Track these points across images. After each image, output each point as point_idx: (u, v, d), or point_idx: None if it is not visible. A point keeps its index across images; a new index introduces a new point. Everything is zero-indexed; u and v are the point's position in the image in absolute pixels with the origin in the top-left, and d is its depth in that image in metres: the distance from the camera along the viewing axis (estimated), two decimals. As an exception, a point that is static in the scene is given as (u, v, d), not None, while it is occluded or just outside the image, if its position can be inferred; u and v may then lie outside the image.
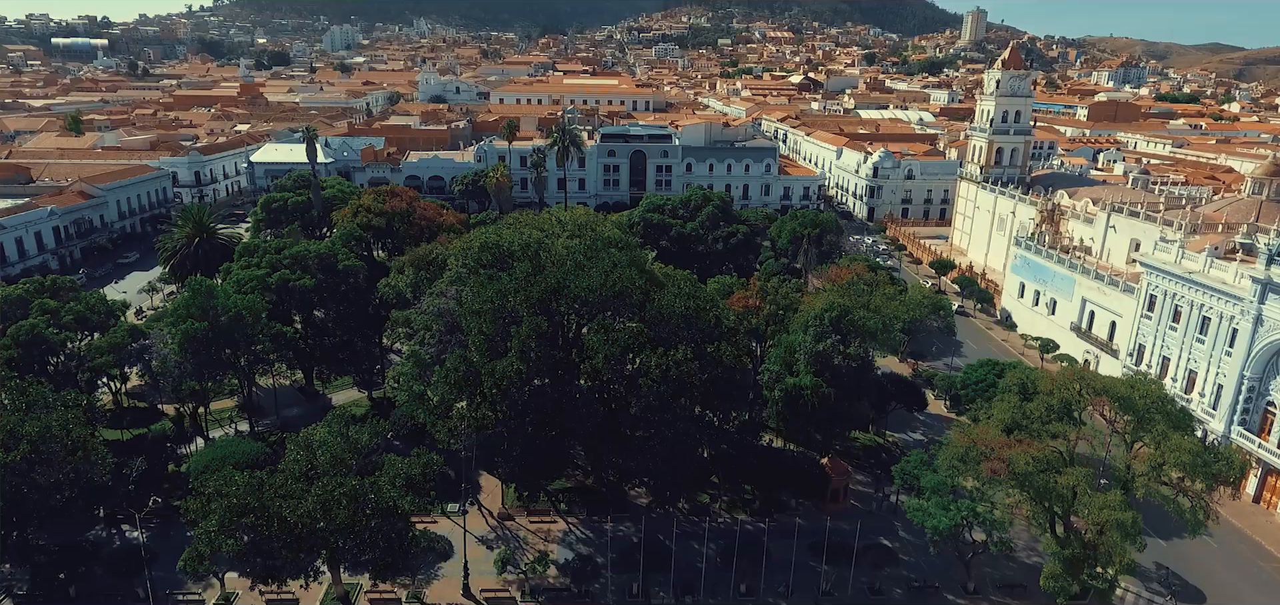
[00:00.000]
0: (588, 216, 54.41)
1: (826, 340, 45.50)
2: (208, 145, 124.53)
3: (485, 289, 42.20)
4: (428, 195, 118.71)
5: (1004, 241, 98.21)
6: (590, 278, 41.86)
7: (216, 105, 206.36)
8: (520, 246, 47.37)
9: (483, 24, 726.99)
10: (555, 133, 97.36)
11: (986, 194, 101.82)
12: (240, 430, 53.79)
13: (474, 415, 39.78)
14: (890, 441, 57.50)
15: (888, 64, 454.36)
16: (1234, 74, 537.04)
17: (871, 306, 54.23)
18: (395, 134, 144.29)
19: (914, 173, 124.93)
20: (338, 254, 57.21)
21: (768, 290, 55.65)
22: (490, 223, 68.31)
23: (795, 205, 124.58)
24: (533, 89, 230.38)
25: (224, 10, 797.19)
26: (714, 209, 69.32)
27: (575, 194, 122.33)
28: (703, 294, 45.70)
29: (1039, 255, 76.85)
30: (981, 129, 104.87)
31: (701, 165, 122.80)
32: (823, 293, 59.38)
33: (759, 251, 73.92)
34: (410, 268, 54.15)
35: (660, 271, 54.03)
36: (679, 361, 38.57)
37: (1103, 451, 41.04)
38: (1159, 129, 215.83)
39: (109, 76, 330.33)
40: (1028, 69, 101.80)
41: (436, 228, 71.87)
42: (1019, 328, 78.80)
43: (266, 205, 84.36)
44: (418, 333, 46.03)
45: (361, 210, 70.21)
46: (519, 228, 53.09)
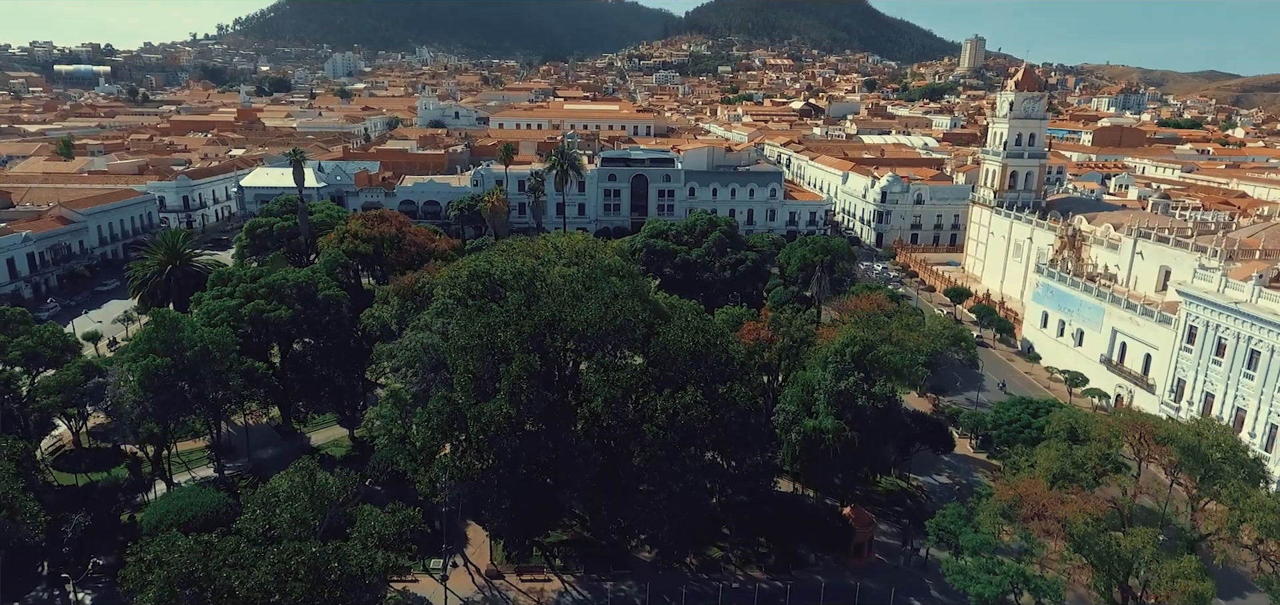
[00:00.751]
0: (586, 243, 50.62)
1: (849, 378, 41.31)
2: (197, 169, 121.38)
3: (472, 322, 38.16)
4: (422, 220, 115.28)
5: (1021, 268, 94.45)
6: (588, 310, 37.86)
7: (213, 130, 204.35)
8: (512, 275, 43.43)
9: (484, 52, 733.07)
10: (554, 156, 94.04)
11: (1001, 219, 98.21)
12: (204, 477, 49.36)
13: (458, 464, 35.51)
14: (915, 486, 53.02)
15: (888, 91, 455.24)
16: (1232, 100, 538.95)
17: (893, 338, 50.13)
18: (391, 158, 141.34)
19: (923, 197, 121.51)
20: (318, 282, 53.25)
21: (780, 322, 51.55)
22: (484, 249, 64.47)
23: (801, 231, 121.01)
24: (532, 114, 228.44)
25: (228, 38, 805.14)
26: (721, 235, 65.38)
27: (574, 219, 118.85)
28: (712, 327, 41.63)
29: (1063, 283, 72.88)
30: (994, 152, 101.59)
31: (705, 190, 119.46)
32: (839, 325, 55.30)
33: (768, 279, 69.96)
34: (395, 298, 50.14)
35: (664, 301, 50.02)
36: (688, 405, 34.38)
37: (1154, 501, 36.70)
38: (1166, 154, 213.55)
39: (108, 102, 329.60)
40: (1041, 91, 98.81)
41: (428, 254, 68.06)
42: (1043, 359, 74.56)
43: (251, 231, 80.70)
44: (399, 369, 41.88)
45: (348, 236, 66.43)
46: (512, 255, 49.23)
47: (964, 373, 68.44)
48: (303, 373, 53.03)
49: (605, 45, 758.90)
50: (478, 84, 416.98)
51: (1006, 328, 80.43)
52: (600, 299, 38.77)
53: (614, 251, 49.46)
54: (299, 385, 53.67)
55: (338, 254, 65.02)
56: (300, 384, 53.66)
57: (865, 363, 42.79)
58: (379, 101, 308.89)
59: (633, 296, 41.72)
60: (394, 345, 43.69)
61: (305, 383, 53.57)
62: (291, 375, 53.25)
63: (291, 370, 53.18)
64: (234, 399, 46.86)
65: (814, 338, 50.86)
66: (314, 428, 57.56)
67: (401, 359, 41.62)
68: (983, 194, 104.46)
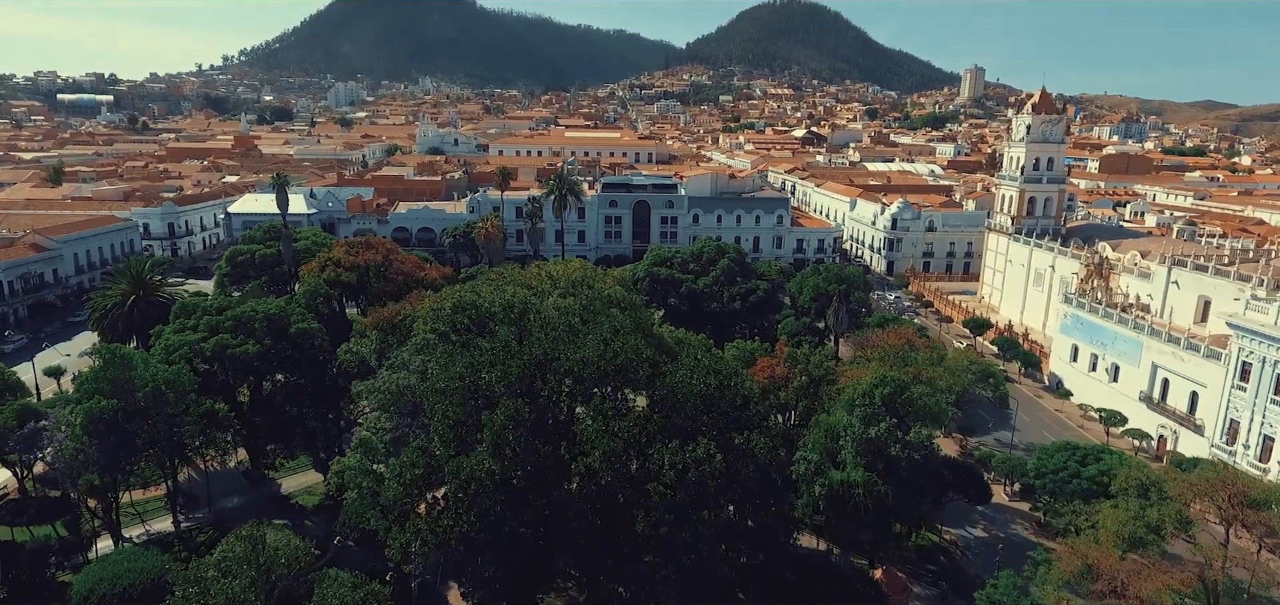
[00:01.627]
0: (584, 271, 46.18)
1: (880, 425, 36.49)
2: (183, 196, 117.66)
3: (453, 361, 33.52)
4: (416, 248, 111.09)
5: (1042, 297, 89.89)
6: (586, 347, 33.24)
7: (209, 158, 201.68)
8: (501, 307, 38.85)
9: (487, 83, 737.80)
10: (552, 181, 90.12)
11: (1020, 246, 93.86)
12: (159, 530, 44.36)
13: (432, 526, 30.63)
14: (948, 540, 47.88)
15: (890, 119, 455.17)
16: (1232, 129, 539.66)
17: (923, 377, 45.39)
18: (386, 185, 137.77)
19: (935, 224, 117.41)
20: (291, 315, 48.68)
21: (797, 358, 46.86)
22: (478, 278, 60.03)
23: (809, 259, 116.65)
24: (533, 141, 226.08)
25: (233, 69, 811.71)
26: (729, 263, 60.79)
27: (574, 247, 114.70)
28: (725, 366, 36.91)
29: (1095, 314, 68.22)
30: (1011, 178, 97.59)
31: (709, 216, 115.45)
32: (861, 361, 50.55)
33: (780, 310, 65.31)
34: (374, 332, 45.54)
35: (670, 336, 45.39)
36: (700, 460, 29.58)
37: (1248, 574, 31.63)
38: (1175, 181, 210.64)
39: (108, 130, 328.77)
40: (1060, 113, 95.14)
41: (416, 283, 63.65)
42: (1074, 396, 69.59)
43: (232, 259, 76.41)
44: (373, 413, 37.14)
45: (330, 264, 62.07)
46: (502, 285, 44.73)
47: (991, 411, 63.58)
48: (273, 413, 48.28)
49: (607, 75, 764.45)
50: (479, 112, 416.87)
51: (1032, 361, 75.58)
52: (599, 334, 34.17)
53: (614, 281, 45.14)
54: (269, 427, 48.91)
55: (318, 283, 60.64)
56: (270, 426, 48.90)
57: (897, 406, 38.01)
58: (379, 130, 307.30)
59: (635, 331, 37.16)
60: (364, 385, 38.97)
61: (276, 424, 48.81)
62: (260, 416, 48.51)
63: (261, 410, 48.44)
64: (191, 444, 42.06)
65: (834, 376, 46.15)
66: (286, 473, 52.61)
67: (374, 402, 36.88)
68: (999, 221, 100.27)
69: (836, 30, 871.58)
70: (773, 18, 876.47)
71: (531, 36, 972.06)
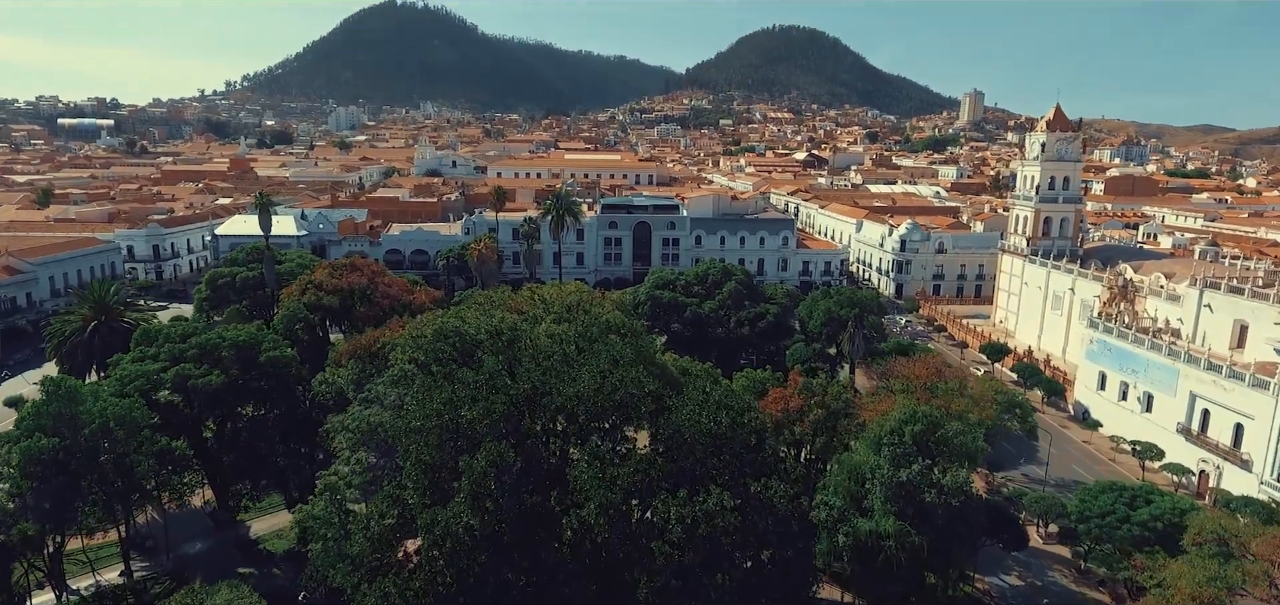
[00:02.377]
0: (580, 294, 42.30)
1: (911, 466, 32.42)
2: (170, 217, 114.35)
3: (431, 396, 29.56)
4: (409, 270, 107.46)
5: (1060, 321, 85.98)
6: (580, 380, 29.34)
7: (203, 180, 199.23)
8: (488, 335, 34.97)
9: (489, 107, 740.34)
10: (549, 202, 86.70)
11: (1036, 268, 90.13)
12: (108, 582, 40.08)
13: (403, 587, 26.51)
14: (980, 589, 43.48)
15: (890, 142, 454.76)
16: (1231, 152, 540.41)
17: (952, 410, 41.35)
18: (381, 206, 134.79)
19: (945, 246, 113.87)
20: (261, 342, 44.76)
21: (814, 389, 42.88)
22: (463, 302, 56.11)
23: (815, 281, 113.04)
24: (532, 163, 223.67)
25: (235, 94, 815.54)
26: (736, 286, 56.90)
27: (573, 269, 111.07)
28: (737, 401, 32.93)
29: (1125, 340, 64.24)
30: (1026, 197, 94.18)
31: (712, 238, 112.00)
32: (882, 394, 46.53)
33: (791, 336, 61.31)
34: (350, 360, 41.61)
35: (674, 364, 41.49)
36: (712, 513, 25.51)
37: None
38: (1183, 203, 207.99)
39: (106, 154, 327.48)
40: (1076, 130, 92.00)
41: (403, 307, 59.85)
42: (1104, 426, 65.35)
43: (212, 282, 72.69)
44: (343, 453, 33.11)
45: (310, 287, 58.29)
46: (490, 310, 40.88)
47: (1017, 443, 59.34)
48: (240, 450, 44.18)
49: (608, 100, 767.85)
50: (479, 136, 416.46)
51: (1056, 390, 71.45)
52: (596, 366, 30.27)
53: (613, 305, 41.39)
54: (236, 464, 44.78)
55: (297, 308, 56.84)
56: (238, 463, 44.78)
57: (929, 445, 33.94)
58: (378, 152, 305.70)
59: (636, 361, 33.23)
60: (336, 421, 34.96)
61: (244, 461, 44.69)
62: (227, 453, 44.40)
63: (227, 447, 44.35)
64: (145, 487, 37.94)
65: (853, 409, 42.11)
66: (256, 514, 48.37)
67: (344, 441, 32.86)
68: (1014, 242, 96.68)
69: (835, 55, 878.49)
70: (772, 43, 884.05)
71: (533, 62, 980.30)
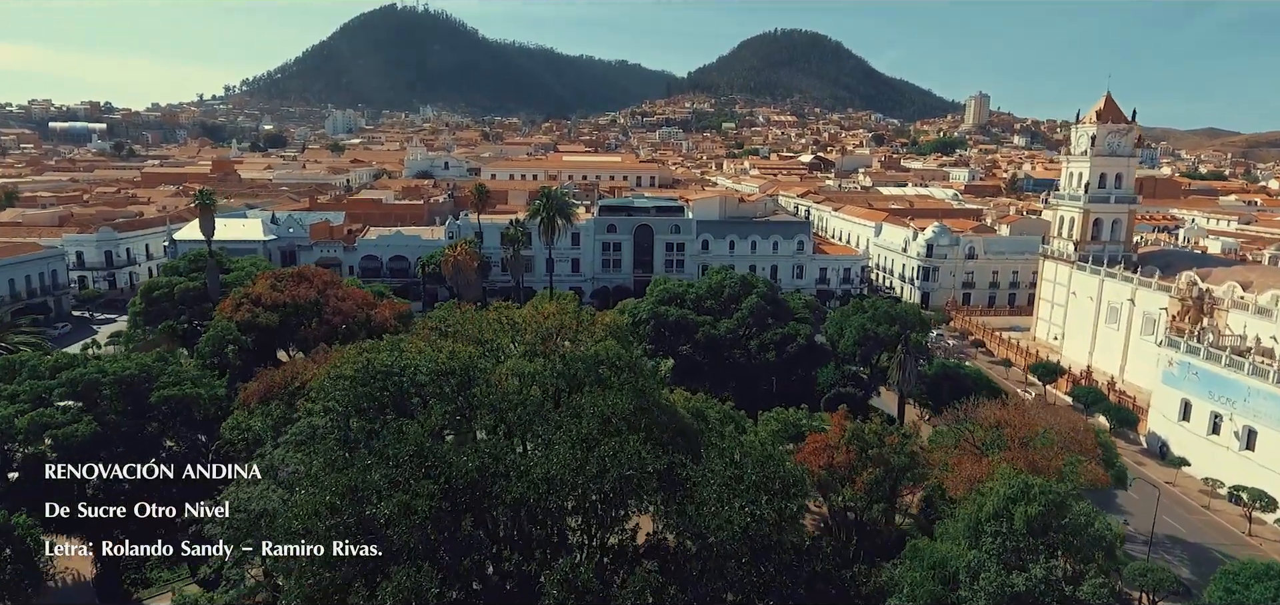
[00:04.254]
0: (563, 316, 32.24)
1: (1032, 569, 22.54)
2: (125, 221, 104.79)
3: (327, 480, 19.74)
4: (387, 278, 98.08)
5: (1117, 336, 76.04)
6: (553, 456, 19.49)
7: (183, 183, 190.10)
8: (432, 376, 25.16)
9: (489, 112, 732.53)
10: (538, 202, 77.00)
11: (1087, 276, 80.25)
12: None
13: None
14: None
15: (897, 145, 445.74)
16: (1239, 155, 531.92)
17: (1051, 467, 31.42)
18: (363, 209, 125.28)
19: (976, 251, 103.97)
20: (160, 375, 34.94)
21: (865, 438, 33.05)
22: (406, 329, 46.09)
23: (833, 290, 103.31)
24: (530, 165, 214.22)
25: (234, 99, 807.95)
26: (759, 302, 46.64)
27: (568, 277, 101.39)
28: (778, 474, 23.03)
29: (1217, 363, 54.24)
30: (1073, 197, 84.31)
31: (720, 242, 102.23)
32: (944, 440, 36.55)
33: (825, 363, 51.22)
34: (259, 404, 31.79)
35: (684, 404, 31.75)
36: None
37: None
38: (1210, 206, 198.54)
39: (93, 157, 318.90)
40: (1129, 122, 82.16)
41: (360, 325, 50.20)
42: (1191, 465, 55.30)
43: (147, 294, 63.08)
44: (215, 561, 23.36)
45: (246, 302, 48.52)
46: (441, 338, 30.92)
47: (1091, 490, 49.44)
48: (124, 514, 34.33)
49: (609, 105, 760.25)
50: (477, 139, 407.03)
51: (1126, 419, 61.39)
52: (576, 430, 20.43)
53: (605, 331, 31.56)
54: (122, 532, 34.93)
55: (227, 327, 47.09)
56: (124, 529, 34.93)
57: (1051, 534, 24.04)
58: (372, 155, 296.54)
59: (637, 414, 23.43)
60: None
61: (131, 528, 34.85)
62: (108, 519, 34.55)
63: (108, 510, 34.49)
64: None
65: (922, 468, 32.22)
66: (156, 591, 38.54)
67: (219, 534, 23.12)
68: (1058, 246, 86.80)
69: (838, 59, 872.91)
70: (773, 47, 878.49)
71: (533, 67, 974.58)
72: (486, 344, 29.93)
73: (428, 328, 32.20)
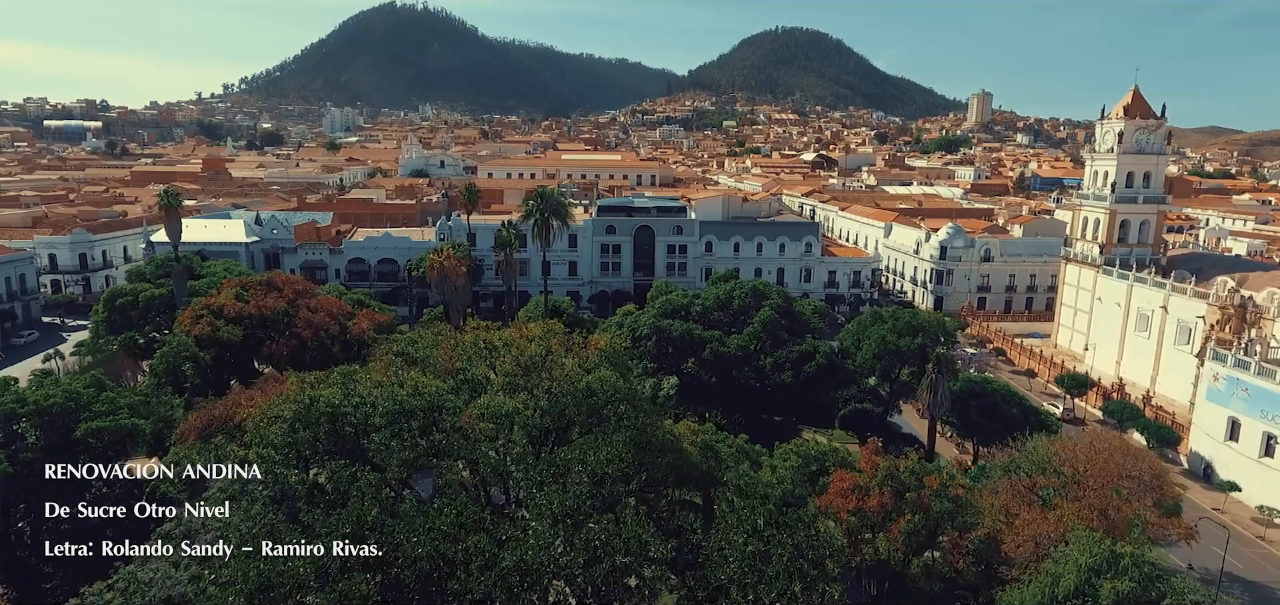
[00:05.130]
0: (550, 336, 27.14)
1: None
2: (101, 222, 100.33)
3: (236, 571, 15.26)
4: (376, 281, 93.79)
5: (1148, 346, 71.49)
6: (530, 543, 14.98)
7: (172, 182, 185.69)
8: (386, 416, 20.65)
9: (488, 110, 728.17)
10: (532, 202, 72.49)
11: (1113, 281, 75.72)
12: None
13: None
14: None
15: (900, 143, 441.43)
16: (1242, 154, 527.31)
17: (1123, 513, 26.89)
18: (353, 209, 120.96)
19: (992, 253, 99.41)
20: (88, 405, 30.48)
21: (902, 478, 28.59)
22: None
23: (843, 294, 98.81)
24: (527, 164, 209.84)
25: (233, 97, 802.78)
26: (772, 314, 41.75)
27: (564, 281, 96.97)
28: (809, 545, 18.49)
29: (1272, 380, 49.69)
30: (1098, 197, 79.74)
31: (724, 244, 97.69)
32: (989, 480, 32.00)
33: (848, 384, 46.32)
34: (197, 441, 27.29)
35: (691, 438, 27.37)
36: None
37: None
38: (1223, 205, 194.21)
39: (86, 156, 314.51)
40: (1159, 117, 77.58)
41: (332, 338, 45.82)
42: (1242, 489, 50.76)
43: (110, 303, 58.60)
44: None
45: (207, 314, 44.02)
46: (405, 367, 26.31)
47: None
48: (38, 567, 29.92)
49: (609, 103, 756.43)
50: (476, 137, 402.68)
51: (1167, 438, 56.79)
52: (558, 503, 15.91)
53: (599, 355, 26.82)
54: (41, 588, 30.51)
55: (184, 343, 42.60)
56: (46, 585, 30.51)
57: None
58: (368, 153, 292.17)
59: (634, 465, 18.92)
60: (96, 590, 20.56)
61: (54, 581, 30.42)
62: (21, 572, 30.17)
63: (22, 560, 30.12)
64: None
65: (971, 515, 27.72)
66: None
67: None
68: (1081, 249, 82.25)
69: (839, 57, 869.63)
70: (774, 45, 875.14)
71: (534, 65, 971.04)
72: (460, 375, 25.38)
73: (391, 353, 27.71)
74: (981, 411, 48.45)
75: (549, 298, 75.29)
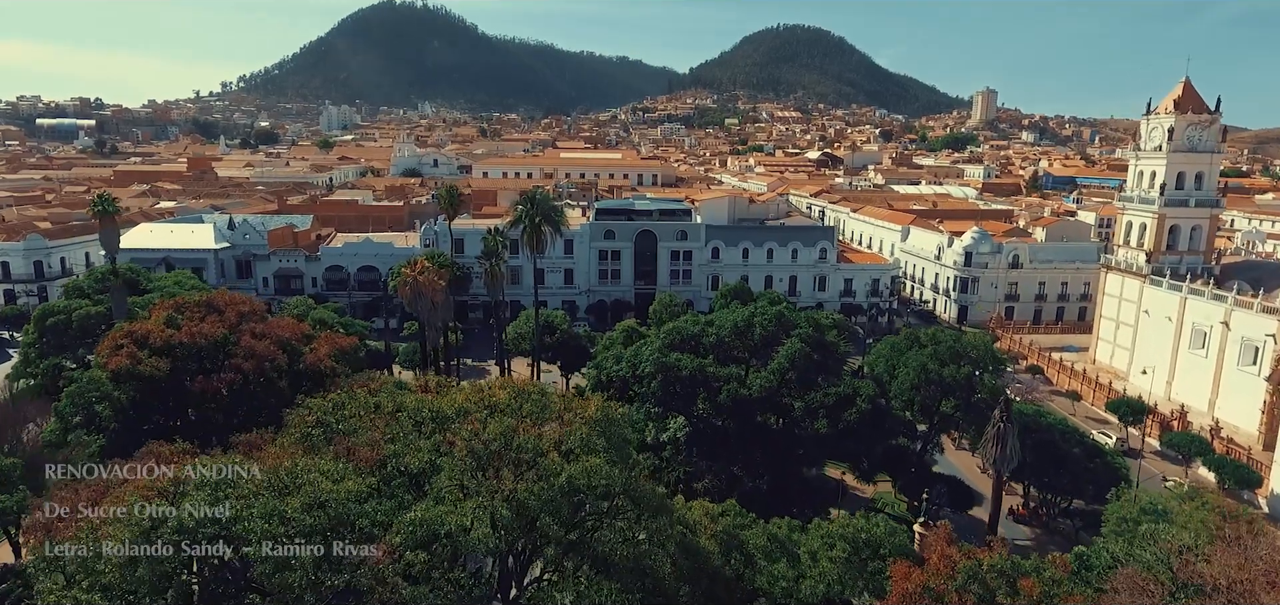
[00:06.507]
0: (510, 411, 19.40)
1: None
2: (57, 228, 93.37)
3: None
4: (357, 292, 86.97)
5: (1206, 365, 64.38)
6: None
7: (155, 181, 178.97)
8: (271, 554, 13.52)
9: (488, 108, 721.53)
10: (521, 205, 65.47)
11: (1163, 293, 68.66)
12: None
13: None
14: None
15: (906, 141, 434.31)
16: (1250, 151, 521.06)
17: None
18: (336, 211, 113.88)
19: (1021, 260, 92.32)
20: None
21: (986, 579, 21.65)
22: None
23: (862, 304, 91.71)
24: (525, 163, 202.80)
25: (231, 95, 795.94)
26: (801, 347, 34.05)
27: (560, 289, 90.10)
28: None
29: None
30: (1145, 199, 72.64)
31: (732, 249, 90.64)
32: (1085, 579, 24.95)
33: (896, 435, 39.05)
34: (48, 542, 20.24)
35: (706, 527, 20.37)
36: None
37: None
38: (1246, 204, 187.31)
39: (75, 155, 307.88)
40: (1214, 112, 70.46)
41: (280, 371, 38.90)
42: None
43: (41, 321, 51.73)
44: None
45: (128, 343, 37.00)
46: (311, 453, 19.09)
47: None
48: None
49: (609, 101, 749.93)
50: (474, 135, 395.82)
51: (1247, 479, 49.75)
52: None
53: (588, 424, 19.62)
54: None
55: (98, 381, 35.69)
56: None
57: None
58: (363, 152, 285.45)
59: None
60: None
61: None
62: None
63: None
64: None
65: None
66: None
67: None
68: (1124, 256, 75.17)
69: (841, 55, 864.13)
70: (776, 42, 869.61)
71: (534, 63, 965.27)
72: (393, 465, 18.29)
73: (303, 428, 20.56)
74: (1037, 448, 41.49)
75: (543, 309, 68.39)
